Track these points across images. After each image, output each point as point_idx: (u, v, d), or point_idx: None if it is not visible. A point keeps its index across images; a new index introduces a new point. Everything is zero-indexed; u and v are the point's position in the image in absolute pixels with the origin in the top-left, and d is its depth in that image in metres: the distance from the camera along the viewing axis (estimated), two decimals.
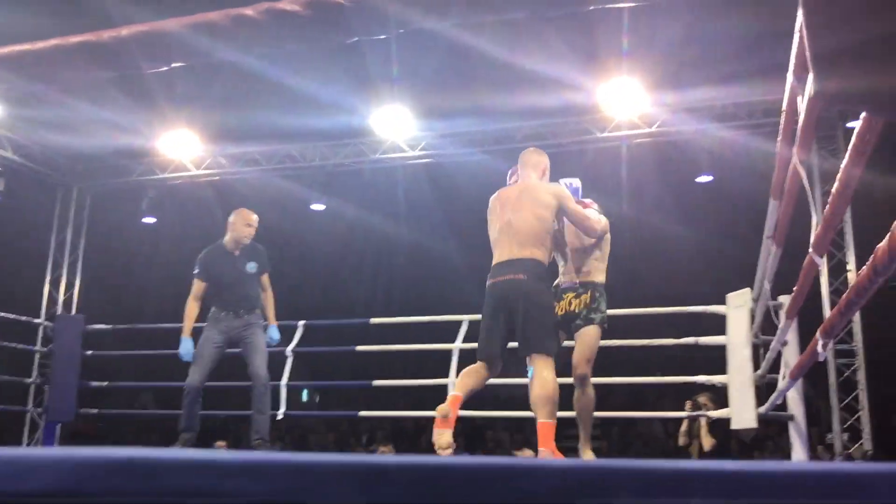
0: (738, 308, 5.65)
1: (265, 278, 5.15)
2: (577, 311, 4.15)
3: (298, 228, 11.99)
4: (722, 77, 7.50)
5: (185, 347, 4.85)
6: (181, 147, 9.10)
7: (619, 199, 10.54)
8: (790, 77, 2.48)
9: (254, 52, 5.19)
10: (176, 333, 5.02)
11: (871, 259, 1.57)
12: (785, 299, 5.52)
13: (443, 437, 3.54)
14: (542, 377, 3.51)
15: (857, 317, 6.80)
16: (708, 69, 7.45)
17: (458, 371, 6.33)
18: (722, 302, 5.79)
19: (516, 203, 3.81)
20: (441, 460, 1.09)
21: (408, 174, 10.47)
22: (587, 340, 4.10)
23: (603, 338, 4.25)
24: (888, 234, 1.39)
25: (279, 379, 6.88)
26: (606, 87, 7.66)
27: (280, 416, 6.97)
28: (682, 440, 6.57)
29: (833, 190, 1.93)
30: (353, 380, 11.53)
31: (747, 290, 5.60)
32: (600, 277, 4.24)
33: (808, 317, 4.24)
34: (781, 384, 4.02)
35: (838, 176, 1.85)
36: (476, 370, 3.78)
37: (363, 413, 7.61)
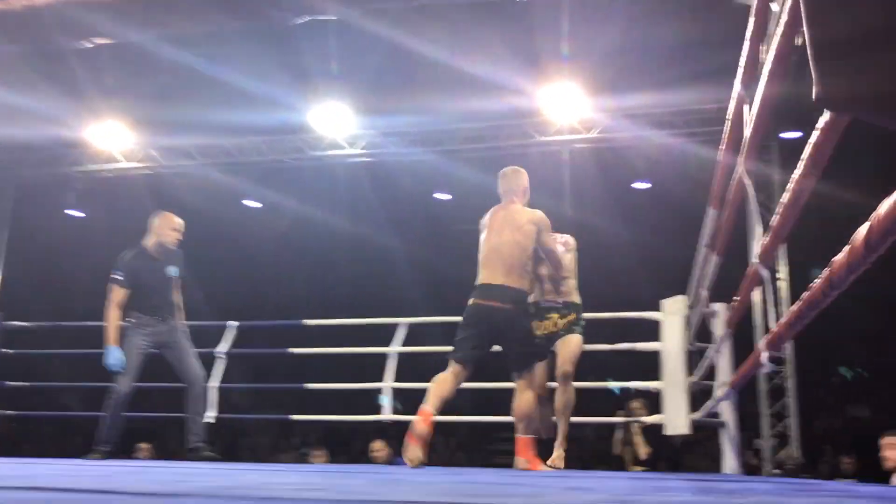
0: (672, 315, 5.68)
1: (179, 282, 4.98)
2: (559, 330, 4.36)
3: (234, 225, 11.73)
4: (658, 83, 7.58)
5: (115, 357, 4.57)
6: (111, 138, 8.78)
7: (561, 203, 10.59)
8: (737, 85, 2.45)
9: (170, 28, 4.97)
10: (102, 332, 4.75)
11: (826, 272, 1.52)
12: (720, 307, 5.58)
13: (415, 452, 3.68)
14: (522, 396, 3.82)
15: (772, 310, 6.89)
16: (645, 75, 7.53)
17: (395, 374, 6.29)
18: (658, 306, 5.82)
19: (501, 226, 4.00)
20: None
21: (348, 172, 10.33)
22: (573, 343, 4.32)
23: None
24: (847, 247, 1.34)
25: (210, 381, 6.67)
26: (547, 92, 7.66)
27: (212, 420, 6.75)
28: (617, 448, 6.59)
29: (784, 201, 1.89)
30: (287, 382, 11.32)
31: (682, 297, 5.63)
32: (577, 297, 4.48)
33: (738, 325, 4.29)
34: (718, 393, 4.03)
35: (790, 187, 1.82)
36: (452, 376, 3.91)
37: (295, 417, 7.42)
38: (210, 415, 6.52)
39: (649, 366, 6.00)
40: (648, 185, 8.96)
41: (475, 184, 10.20)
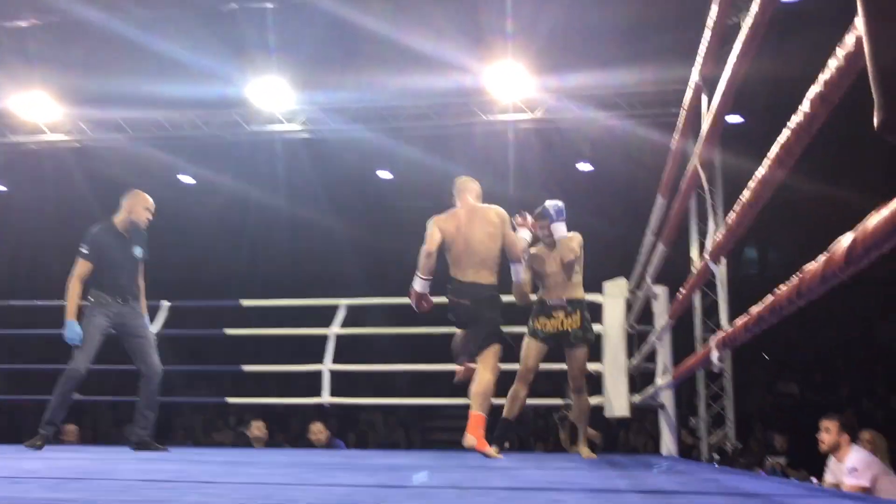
0: (613, 297, 5.68)
1: (142, 266, 4.78)
2: (569, 329, 4.43)
3: (167, 201, 11.30)
4: (602, 64, 7.56)
5: (74, 331, 4.37)
6: (36, 109, 8.37)
7: (505, 183, 10.55)
8: (695, 74, 2.38)
9: None
10: (29, 312, 4.53)
11: (797, 280, 1.45)
12: (661, 290, 5.60)
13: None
14: (481, 375, 3.98)
15: (723, 307, 6.99)
16: (589, 56, 7.50)
17: (334, 356, 6.18)
18: (601, 287, 5.81)
19: (469, 225, 4.13)
20: None
21: (287, 148, 10.10)
22: (581, 359, 4.47)
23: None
24: (824, 257, 1.27)
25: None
26: (492, 70, 7.56)
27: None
28: (566, 446, 6.56)
29: (744, 198, 1.82)
30: (223, 362, 11.08)
31: (623, 279, 5.64)
32: (582, 293, 4.52)
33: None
34: (660, 381, 4.02)
35: (752, 185, 1.75)
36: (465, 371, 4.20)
37: (232, 400, 7.26)
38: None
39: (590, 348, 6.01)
40: (591, 168, 8.96)
41: (418, 162, 10.10)
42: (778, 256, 14.81)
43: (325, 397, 6.19)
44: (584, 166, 8.94)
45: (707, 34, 2.30)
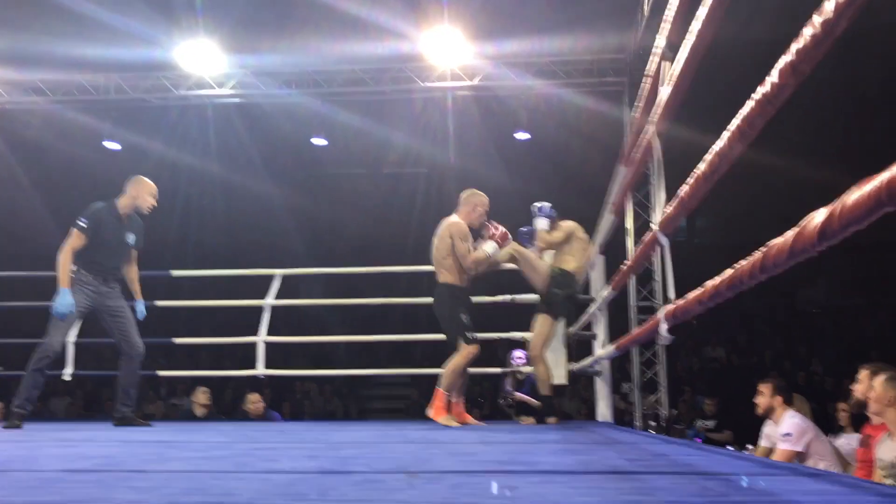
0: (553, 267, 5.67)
1: (135, 253, 4.84)
2: (544, 297, 4.99)
3: (92, 167, 10.91)
4: (539, 31, 7.52)
5: (67, 300, 4.32)
6: None
7: (444, 150, 10.46)
8: (660, 41, 2.30)
9: None
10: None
11: (759, 255, 1.40)
12: (598, 260, 5.62)
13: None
14: (452, 360, 4.53)
15: (658, 275, 7.09)
16: (526, 23, 7.45)
17: (269, 327, 6.05)
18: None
19: (435, 236, 4.76)
20: None
21: (218, 113, 9.79)
22: (535, 325, 4.96)
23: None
24: (793, 231, 1.22)
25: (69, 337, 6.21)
26: (429, 36, 7.42)
27: (68, 378, 6.33)
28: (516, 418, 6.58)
29: (699, 171, 1.77)
30: (154, 335, 10.73)
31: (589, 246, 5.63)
32: (569, 266, 4.96)
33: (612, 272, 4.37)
34: (602, 351, 4.01)
35: (708, 158, 1.69)
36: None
37: (163, 373, 7.06)
38: (67, 372, 6.15)
39: (529, 317, 6.02)
40: (529, 136, 8.93)
41: (354, 129, 9.92)
42: (706, 224, 15.14)
43: (261, 369, 6.06)
44: (521, 135, 8.90)
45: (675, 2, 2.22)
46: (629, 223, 7.19)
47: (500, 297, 5.90)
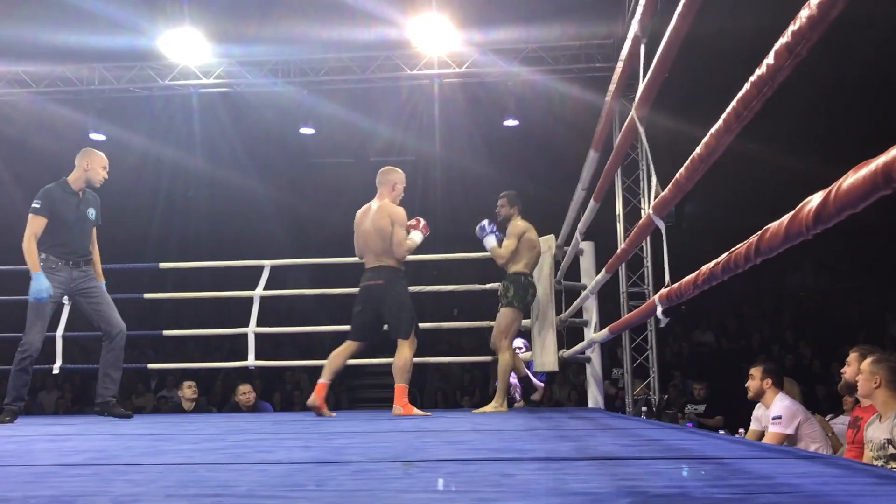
0: (542, 253, 5.68)
1: (94, 231, 4.67)
2: (499, 295, 5.20)
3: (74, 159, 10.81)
4: (527, 17, 7.51)
5: (43, 283, 4.20)
6: None
7: (433, 139, 10.41)
8: (635, 25, 2.30)
9: None
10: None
11: (754, 239, 1.40)
12: (587, 245, 5.63)
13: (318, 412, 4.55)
14: (400, 353, 4.51)
15: (648, 260, 7.12)
16: (513, 8, 7.45)
17: (261, 319, 6.05)
18: None
19: (367, 222, 4.66)
20: None
21: (203, 103, 9.69)
22: (497, 319, 5.15)
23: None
24: (789, 216, 1.22)
25: (54, 329, 6.19)
26: (417, 23, 7.39)
27: (56, 371, 6.30)
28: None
29: (695, 153, 1.77)
30: (140, 327, 10.67)
31: (551, 236, 5.64)
32: (515, 269, 5.13)
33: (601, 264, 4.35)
34: (596, 335, 4.02)
35: (704, 140, 1.69)
36: (346, 349, 4.68)
37: (153, 366, 7.03)
38: (56, 366, 6.12)
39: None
40: (516, 123, 8.91)
41: (341, 118, 9.86)
42: (694, 209, 15.19)
43: (251, 360, 6.06)
44: (510, 122, 8.88)
45: None
46: (619, 209, 7.24)
47: (489, 286, 5.91)
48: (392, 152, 12.05)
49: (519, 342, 6.34)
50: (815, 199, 1.12)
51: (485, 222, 5.20)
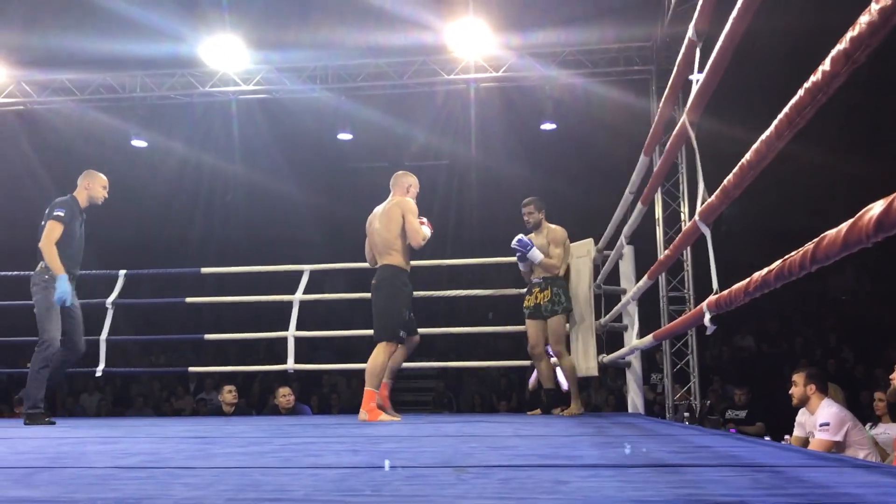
0: (581, 258, 5.65)
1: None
2: (542, 303, 5.14)
3: (118, 165, 10.98)
4: (565, 20, 7.48)
5: (66, 286, 4.48)
6: None
7: (468, 143, 10.42)
8: (691, 31, 2.27)
9: None
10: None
11: (810, 247, 1.39)
12: (627, 250, 5.59)
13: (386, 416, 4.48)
14: (373, 356, 4.45)
15: (689, 265, 7.05)
16: (550, 12, 7.42)
17: (298, 323, 6.10)
18: None
19: (376, 222, 4.70)
20: None
21: (242, 109, 9.82)
22: (553, 325, 5.10)
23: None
24: (848, 223, 1.20)
25: (98, 333, 6.32)
26: (454, 28, 7.40)
27: (99, 374, 6.43)
28: (532, 386, 6.57)
29: (744, 160, 1.75)
30: (180, 330, 10.84)
31: (590, 240, 5.60)
32: (562, 273, 5.20)
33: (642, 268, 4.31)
34: (638, 341, 3.99)
35: (754, 147, 1.68)
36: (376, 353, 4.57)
37: (193, 369, 7.12)
38: (99, 369, 6.24)
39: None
40: (554, 126, 8.88)
41: (377, 123, 9.92)
42: (734, 212, 15.00)
43: (291, 363, 6.11)
44: (547, 126, 8.86)
45: None
46: (659, 213, 7.18)
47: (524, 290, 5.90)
48: (428, 156, 12.08)
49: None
50: (876, 207, 1.11)
51: (522, 237, 5.13)
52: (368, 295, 6.68)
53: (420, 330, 5.02)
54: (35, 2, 6.87)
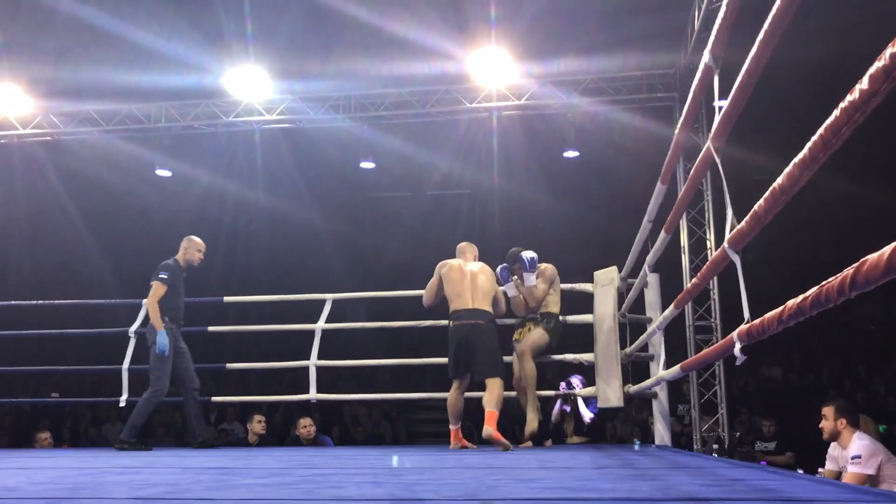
0: (604, 286, 5.59)
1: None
2: (516, 338, 5.51)
3: (143, 195, 11.11)
4: (586, 48, 7.48)
5: (166, 339, 5.33)
6: (5, 102, 8.11)
7: (491, 171, 10.41)
8: (707, 56, 2.24)
9: None
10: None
11: (850, 272, 1.33)
12: (652, 278, 5.51)
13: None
14: (492, 387, 4.97)
15: (716, 293, 6.95)
16: (573, 41, 7.42)
17: (320, 352, 6.07)
18: (587, 275, 5.74)
19: (475, 273, 5.16)
20: None
21: (265, 139, 9.89)
22: (534, 334, 5.40)
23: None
24: (892, 247, 1.15)
25: (120, 363, 6.33)
26: (476, 57, 7.43)
27: (122, 404, 6.42)
28: (556, 419, 6.49)
29: (776, 184, 1.70)
30: (204, 361, 10.78)
31: (614, 268, 5.54)
32: (554, 309, 5.49)
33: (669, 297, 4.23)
34: (664, 372, 3.91)
35: (787, 171, 1.63)
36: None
37: (216, 399, 7.10)
38: (123, 398, 6.25)
39: (582, 338, 5.93)
40: (576, 154, 8.86)
41: (399, 152, 9.95)
42: (759, 240, 14.82)
43: (313, 393, 6.07)
44: (570, 153, 8.84)
45: (722, 9, 2.17)
46: (684, 240, 7.10)
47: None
48: (449, 185, 12.09)
49: (576, 380, 6.23)
50: None
51: (529, 256, 5.36)
52: (390, 323, 6.69)
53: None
54: (64, 35, 6.98)
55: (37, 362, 7.40)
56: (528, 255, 5.33)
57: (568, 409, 6.35)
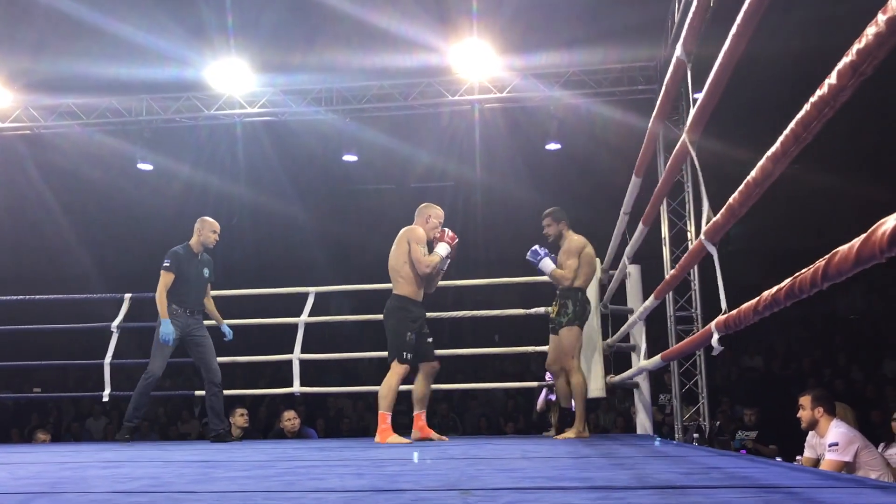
0: None
1: (209, 285, 5.65)
2: (553, 315, 5.03)
3: (124, 189, 11.04)
4: (568, 42, 7.51)
5: (169, 328, 5.16)
6: None
7: (473, 164, 10.44)
8: (679, 50, 2.27)
9: None
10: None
11: (822, 263, 1.36)
12: (633, 269, 5.56)
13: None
14: (385, 379, 4.65)
15: (696, 283, 7.01)
16: (554, 34, 7.45)
17: (304, 345, 6.08)
18: None
19: (394, 245, 4.72)
20: None
21: (247, 132, 9.86)
22: (563, 339, 4.87)
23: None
24: (859, 239, 1.17)
25: (103, 357, 6.32)
26: (458, 49, 7.44)
27: (106, 399, 6.42)
28: (540, 407, 6.52)
29: (750, 177, 1.73)
30: (187, 356, 10.75)
31: (596, 259, 5.57)
32: (578, 283, 4.91)
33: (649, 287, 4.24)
34: (646, 362, 3.96)
35: (760, 164, 1.66)
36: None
37: (200, 393, 7.07)
38: (106, 393, 6.24)
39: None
40: (558, 147, 8.89)
41: (382, 145, 9.94)
42: (740, 231, 14.97)
43: (297, 386, 6.08)
44: (551, 146, 8.87)
45: (694, 4, 2.19)
46: (665, 232, 7.15)
47: (533, 310, 5.87)
48: (432, 178, 12.10)
49: None
50: (890, 221, 1.09)
51: (536, 247, 5.03)
52: (374, 316, 6.70)
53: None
54: (43, 27, 6.92)
55: (19, 357, 7.35)
56: (533, 250, 5.07)
57: (553, 398, 6.38)
